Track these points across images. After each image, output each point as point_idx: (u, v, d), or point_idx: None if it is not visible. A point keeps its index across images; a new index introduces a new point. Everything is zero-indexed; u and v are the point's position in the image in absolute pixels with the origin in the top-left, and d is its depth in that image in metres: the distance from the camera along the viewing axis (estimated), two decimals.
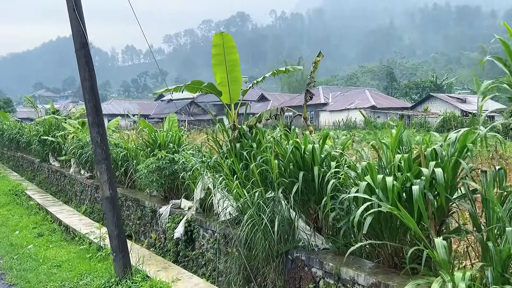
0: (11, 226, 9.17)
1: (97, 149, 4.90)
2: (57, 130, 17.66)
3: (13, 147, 24.15)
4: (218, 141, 7.32)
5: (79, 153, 13.41)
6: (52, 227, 8.58)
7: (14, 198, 12.11)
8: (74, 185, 14.45)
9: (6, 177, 15.77)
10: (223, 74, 7.74)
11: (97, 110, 4.86)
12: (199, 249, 7.99)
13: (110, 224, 4.95)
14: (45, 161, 18.30)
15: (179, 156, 9.06)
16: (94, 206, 12.13)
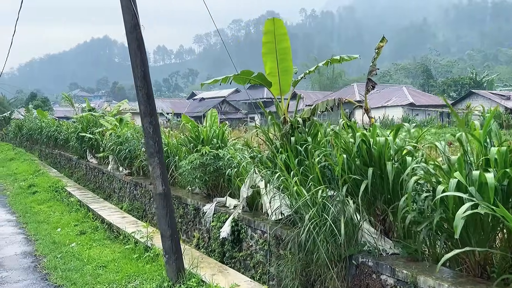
0: (53, 223, 8.97)
1: (149, 141, 4.48)
2: (94, 127, 17.61)
3: (51, 145, 24.41)
4: (269, 136, 6.82)
5: (118, 150, 13.21)
6: (94, 224, 8.31)
7: (55, 194, 12.00)
8: (113, 182, 14.27)
9: (45, 174, 15.78)
10: (273, 63, 7.25)
11: (149, 98, 4.45)
12: (247, 250, 7.52)
13: (162, 223, 4.53)
14: (82, 158, 18.29)
15: (224, 152, 8.63)
16: (134, 204, 11.87)
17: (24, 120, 32.41)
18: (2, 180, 16.43)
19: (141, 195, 11.88)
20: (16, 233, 8.45)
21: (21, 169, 17.80)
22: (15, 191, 13.46)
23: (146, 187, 11.53)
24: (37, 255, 6.82)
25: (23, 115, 38.12)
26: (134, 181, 12.25)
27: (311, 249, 5.54)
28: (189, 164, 8.71)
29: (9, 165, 20.27)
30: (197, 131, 9.36)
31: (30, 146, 28.84)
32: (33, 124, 28.11)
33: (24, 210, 10.49)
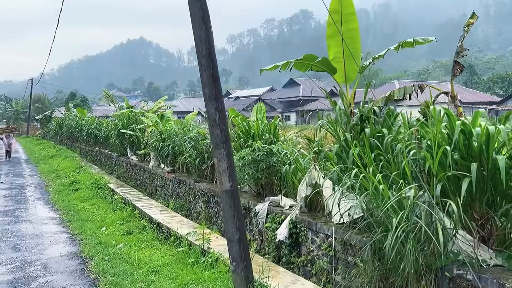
0: (97, 221, 8.53)
1: (215, 130, 3.84)
2: (135, 124, 17.34)
3: (91, 142, 24.46)
4: (335, 129, 6.07)
5: (161, 146, 12.76)
6: (141, 224, 7.79)
7: (97, 192, 11.66)
8: (154, 179, 13.85)
9: (87, 171, 15.57)
10: (338, 48, 6.50)
11: (215, 80, 3.81)
12: (307, 255, 6.80)
13: (229, 225, 3.87)
14: (123, 155, 18.05)
15: (278, 147, 7.94)
16: (177, 202, 11.37)
17: (65, 118, 32.84)
18: (44, 176, 16.36)
19: (185, 193, 11.37)
20: (60, 231, 8.06)
21: (63, 166, 17.73)
22: (57, 187, 13.25)
23: (190, 185, 11.00)
24: (83, 257, 6.33)
25: (63, 113, 38.75)
26: (178, 178, 11.76)
27: (394, 258, 4.77)
28: (240, 161, 8.08)
29: (51, 162, 20.31)
30: (247, 125, 8.71)
31: (70, 143, 29.13)
32: (73, 122, 28.37)
33: (67, 208, 10.16)
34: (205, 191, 10.21)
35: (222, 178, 3.90)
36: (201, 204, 10.44)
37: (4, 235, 7.76)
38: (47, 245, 7.05)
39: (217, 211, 9.69)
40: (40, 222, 8.90)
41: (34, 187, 14.03)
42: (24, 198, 11.84)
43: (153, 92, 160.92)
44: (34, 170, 18.92)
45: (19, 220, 9.13)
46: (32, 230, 8.20)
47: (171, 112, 17.09)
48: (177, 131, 11.83)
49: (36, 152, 27.46)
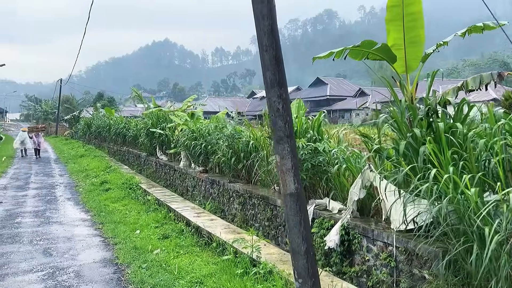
0: (130, 224, 8.05)
1: (278, 120, 3.23)
2: (164, 123, 16.98)
3: (119, 142, 24.29)
4: (399, 124, 5.36)
5: (193, 145, 12.27)
6: (178, 227, 7.25)
7: (129, 192, 11.23)
8: (185, 179, 13.37)
9: (117, 170, 15.21)
10: (398, 33, 5.81)
11: (278, 62, 3.21)
12: (361, 265, 6.12)
13: (295, 234, 3.26)
14: (152, 155, 17.71)
15: (324, 145, 7.29)
16: (211, 204, 10.85)
17: (93, 118, 32.93)
18: (74, 176, 16.12)
19: (218, 194, 10.83)
20: (92, 234, 7.60)
21: (92, 166, 17.47)
22: (87, 187, 12.91)
23: (224, 186, 10.45)
24: (119, 264, 5.82)
25: (91, 114, 38.97)
26: (211, 178, 11.23)
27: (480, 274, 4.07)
28: None
29: (80, 162, 20.13)
30: None
31: (98, 143, 29.11)
32: (101, 122, 28.33)
33: (98, 209, 9.75)
34: (240, 192, 9.65)
35: (285, 179, 3.28)
36: (236, 205, 9.88)
37: (35, 238, 7.36)
38: (79, 250, 6.58)
39: (254, 214, 9.11)
40: (71, 224, 8.49)
41: (64, 186, 13.76)
42: (54, 198, 11.52)
43: (178, 93, 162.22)
44: (63, 169, 18.76)
45: (49, 221, 8.75)
46: (63, 232, 7.78)
47: (201, 110, 16.62)
48: (210, 130, 11.30)
49: (65, 151, 27.50)
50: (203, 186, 11.98)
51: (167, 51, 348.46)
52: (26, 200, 11.33)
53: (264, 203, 8.67)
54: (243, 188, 9.51)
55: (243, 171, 10.16)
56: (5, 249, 6.65)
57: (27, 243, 7.02)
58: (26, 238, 7.31)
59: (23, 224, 8.50)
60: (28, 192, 12.69)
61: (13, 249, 6.63)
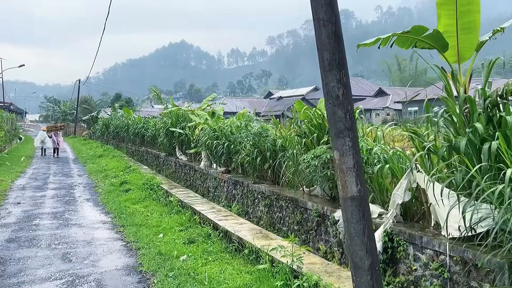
0: (152, 227, 7.61)
1: (337, 110, 2.72)
2: (184, 122, 16.58)
3: (137, 142, 24.01)
4: (455, 119, 4.77)
5: (215, 145, 11.80)
6: (205, 231, 6.74)
7: (150, 193, 10.81)
8: (207, 180, 12.92)
9: (137, 170, 14.84)
10: (450, 19, 5.21)
11: (337, 40, 2.70)
12: (407, 275, 5.55)
13: (357, 246, 2.74)
14: (171, 154, 17.33)
15: (361, 144, 6.73)
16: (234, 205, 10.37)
17: (111, 118, 32.81)
18: (93, 176, 15.81)
19: (242, 196, 10.34)
20: (113, 238, 7.17)
21: (111, 166, 17.15)
22: (107, 188, 12.55)
23: (249, 187, 9.96)
24: (143, 272, 5.34)
25: (109, 114, 38.93)
26: (234, 179, 10.76)
27: None
28: (315, 159, 6.93)
29: (99, 162, 19.87)
30: (321, 118, 7.54)
31: (117, 143, 28.93)
32: (119, 122, 28.14)
33: (118, 210, 9.34)
34: (266, 194, 9.15)
35: (345, 180, 2.76)
36: (262, 208, 9.38)
37: (53, 242, 6.95)
38: (100, 255, 6.14)
39: (282, 217, 8.59)
40: (90, 226, 8.09)
41: (83, 187, 13.43)
42: (73, 199, 11.18)
43: (194, 94, 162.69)
44: (82, 169, 18.50)
45: (68, 223, 8.36)
46: (83, 235, 7.37)
47: (222, 109, 16.17)
48: (233, 128, 10.82)
49: (83, 151, 27.38)
50: (226, 187, 11.52)
51: (184, 52, 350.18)
52: (44, 201, 11.02)
53: (293, 206, 8.16)
54: (269, 189, 9.01)
55: (269, 171, 9.66)
56: (22, 253, 6.26)
57: (45, 247, 6.62)
58: (44, 242, 6.91)
59: (41, 226, 8.13)
60: (46, 192, 12.39)
61: (31, 254, 6.23)
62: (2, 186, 12.93)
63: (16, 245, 6.68)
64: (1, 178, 14.29)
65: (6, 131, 29.73)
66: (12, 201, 10.91)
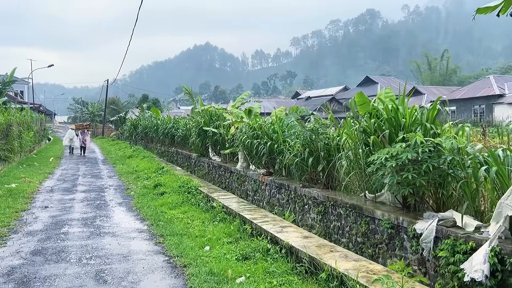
0: (196, 237, 6.59)
1: None
2: (217, 121, 15.68)
3: (166, 142, 23.26)
4: None
5: (255, 144, 10.77)
6: (261, 245, 5.61)
7: (187, 196, 9.81)
8: (245, 182, 11.91)
9: (170, 172, 13.93)
10: None
11: None
12: None
13: None
14: (203, 155, 16.43)
15: (451, 142, 5.57)
16: (276, 211, 9.31)
17: (139, 118, 32.30)
18: (124, 178, 14.98)
19: (288, 201, 9.26)
20: (153, 251, 6.16)
21: (142, 167, 16.31)
22: (139, 191, 11.64)
23: (296, 191, 8.89)
24: None
25: (137, 115, 38.54)
26: (277, 182, 9.70)
27: None
28: (391, 160, 5.80)
29: (129, 163, 19.11)
30: (395, 111, 6.38)
31: (145, 144, 28.33)
32: (148, 122, 27.51)
33: (155, 217, 8.36)
34: (320, 200, 8.06)
35: None
36: (313, 215, 8.28)
37: (84, 255, 6.00)
38: (140, 274, 5.12)
39: (341, 227, 7.48)
40: (126, 236, 7.12)
41: (114, 189, 12.57)
42: (104, 203, 10.30)
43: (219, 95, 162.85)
44: (112, 170, 17.73)
45: (100, 232, 7.42)
46: (118, 247, 6.40)
47: (259, 107, 15.12)
48: (277, 126, 9.79)
49: (112, 152, 26.80)
50: (267, 190, 10.47)
51: (208, 54, 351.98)
52: (73, 204, 10.18)
53: (356, 214, 7.03)
54: (323, 194, 7.91)
55: (321, 174, 8.57)
56: (49, 270, 5.32)
57: (75, 262, 5.67)
58: (73, 255, 5.97)
59: (70, 235, 7.22)
60: (75, 195, 11.58)
61: (58, 271, 5.28)
62: (30, 188, 12.20)
63: (42, 259, 5.77)
64: (29, 180, 13.61)
65: (35, 131, 29.52)
66: (39, 204, 10.11)
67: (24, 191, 11.44)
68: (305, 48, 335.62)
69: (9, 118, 19.68)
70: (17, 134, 20.88)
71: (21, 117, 23.73)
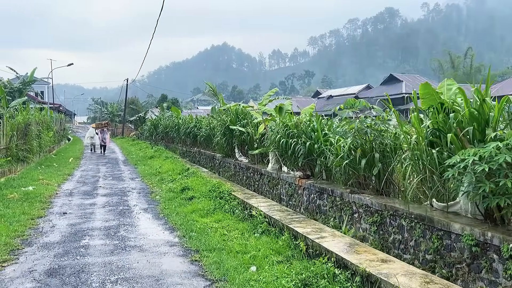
0: (237, 253, 5.55)
1: None
2: (244, 120, 14.70)
3: (188, 142, 22.37)
4: None
5: (292, 144, 9.71)
6: (324, 269, 4.50)
7: (220, 202, 8.76)
8: (277, 186, 10.87)
9: (197, 174, 12.92)
10: None
11: None
12: None
13: None
14: (228, 156, 15.46)
15: None
16: (319, 219, 8.22)
17: (159, 118, 31.57)
18: (147, 180, 14.06)
19: (333, 208, 8.18)
20: (189, 273, 5.09)
21: (166, 168, 15.37)
22: (165, 195, 10.66)
23: (343, 197, 7.81)
24: None
25: (157, 115, 37.87)
26: (318, 186, 8.64)
27: None
28: (480, 164, 4.71)
29: (151, 163, 18.21)
30: (481, 104, 5.25)
31: (165, 144, 27.53)
32: (169, 122, 26.69)
33: (186, 226, 7.34)
34: (374, 208, 6.96)
35: None
36: (366, 226, 7.18)
37: (108, 277, 4.97)
38: None
39: (402, 240, 6.36)
40: (155, 250, 6.10)
41: (137, 193, 11.62)
42: (128, 209, 9.33)
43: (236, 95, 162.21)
44: (134, 172, 16.82)
45: (125, 245, 6.41)
46: (147, 266, 5.37)
47: (291, 103, 14.07)
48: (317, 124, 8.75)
49: (133, 152, 26.01)
50: (306, 195, 9.41)
51: (225, 54, 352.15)
52: (94, 210, 9.26)
53: (424, 227, 5.92)
54: (378, 202, 6.81)
55: (373, 178, 7.49)
56: None
57: (98, 287, 4.71)
58: (96, 277, 4.97)
59: (91, 249, 6.25)
60: (96, 200, 10.67)
61: None
62: (48, 191, 11.36)
63: (59, 282, 4.78)
64: (47, 182, 12.80)
65: (55, 131, 29.02)
66: (57, 210, 9.22)
67: (41, 194, 10.59)
68: (322, 48, 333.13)
69: (27, 118, 19.04)
70: (36, 134, 20.24)
71: (40, 117, 23.13)
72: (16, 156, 16.78)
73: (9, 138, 16.84)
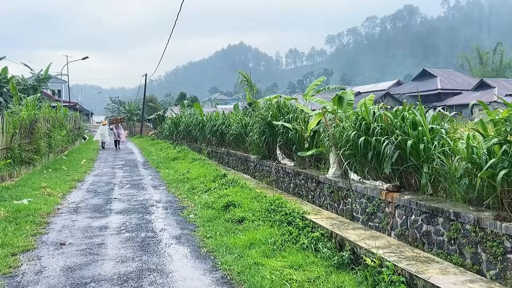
0: None
1: None
2: (287, 115, 12.04)
3: (214, 142, 19.71)
4: None
5: (385, 144, 6.89)
6: None
7: (289, 230, 5.80)
8: (346, 199, 8.03)
9: (240, 183, 9.97)
10: None
11: None
12: None
13: None
14: (266, 157, 12.76)
15: None
16: (431, 253, 5.38)
17: (180, 116, 29.05)
18: (173, 188, 11.23)
19: (457, 240, 5.35)
20: None
21: (195, 173, 12.53)
22: (202, 213, 7.80)
23: (480, 225, 5.02)
24: None
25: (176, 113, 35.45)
26: (426, 205, 5.82)
27: None
28: None
29: (175, 166, 15.49)
30: None
31: (188, 143, 24.94)
32: (193, 119, 24.08)
33: (245, 274, 4.49)
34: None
35: None
36: None
37: None
38: None
39: None
40: None
41: (164, 209, 8.78)
42: (153, 238, 6.48)
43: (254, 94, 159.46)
44: (156, 177, 13.97)
45: None
46: None
47: (353, 92, 11.23)
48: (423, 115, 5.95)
49: (153, 153, 23.34)
50: (400, 216, 6.55)
51: (242, 54, 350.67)
52: (105, 239, 6.48)
53: None
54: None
55: None
56: None
57: None
58: None
59: None
60: (108, 220, 7.89)
61: None
62: (48, 205, 8.68)
63: None
64: (49, 191, 10.14)
65: (68, 130, 26.69)
66: (53, 238, 6.51)
67: (37, 211, 7.90)
68: (340, 46, 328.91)
69: (33, 113, 16.60)
70: (44, 132, 17.80)
71: (50, 113, 20.72)
72: (18, 158, 14.31)
73: (10, 136, 14.41)
